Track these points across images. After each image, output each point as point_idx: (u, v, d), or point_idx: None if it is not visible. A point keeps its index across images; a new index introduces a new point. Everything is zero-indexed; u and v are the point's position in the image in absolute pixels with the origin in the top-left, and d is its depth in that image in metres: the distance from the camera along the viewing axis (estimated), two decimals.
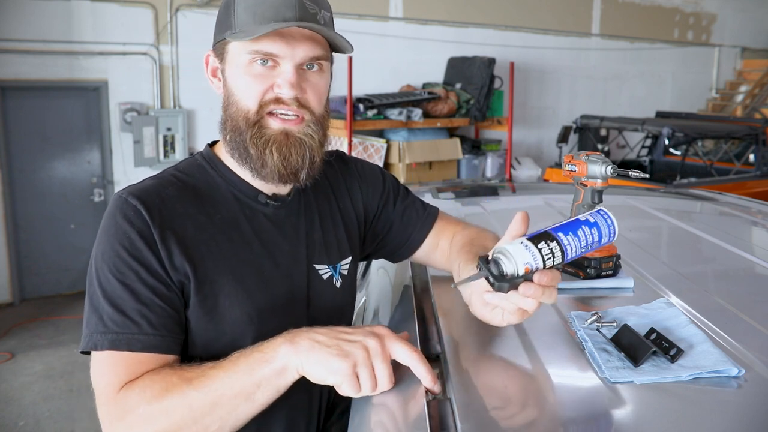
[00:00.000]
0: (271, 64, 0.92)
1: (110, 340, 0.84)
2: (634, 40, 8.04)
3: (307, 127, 0.95)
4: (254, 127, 0.93)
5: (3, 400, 3.59)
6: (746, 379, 0.80)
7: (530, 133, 7.28)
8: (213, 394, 0.80)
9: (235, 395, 0.80)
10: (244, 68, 0.92)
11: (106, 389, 0.84)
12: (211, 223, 0.94)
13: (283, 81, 0.91)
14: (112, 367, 0.84)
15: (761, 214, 1.95)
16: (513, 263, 0.78)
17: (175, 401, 0.80)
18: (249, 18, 0.90)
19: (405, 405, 0.80)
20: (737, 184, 5.38)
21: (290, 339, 0.81)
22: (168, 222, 0.90)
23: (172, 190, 0.94)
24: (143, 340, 0.85)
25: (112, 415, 0.83)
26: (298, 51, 0.91)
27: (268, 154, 0.93)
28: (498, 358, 0.91)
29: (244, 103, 0.93)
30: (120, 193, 0.92)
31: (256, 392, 0.81)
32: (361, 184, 1.15)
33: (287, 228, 1.01)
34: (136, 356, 0.85)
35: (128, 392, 0.83)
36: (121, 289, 0.86)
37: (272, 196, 1.00)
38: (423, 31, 6.39)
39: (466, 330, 0.98)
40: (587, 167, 1.15)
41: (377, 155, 5.49)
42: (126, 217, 0.89)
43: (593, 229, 0.83)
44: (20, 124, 4.95)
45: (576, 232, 0.82)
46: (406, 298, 1.18)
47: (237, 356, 0.83)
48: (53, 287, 5.21)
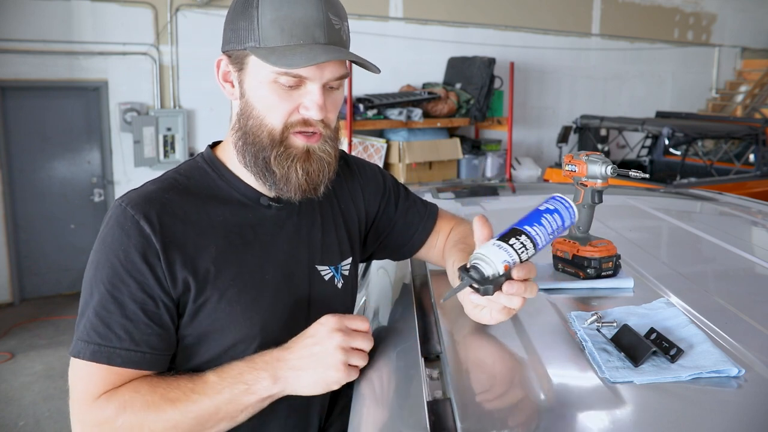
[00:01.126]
0: (297, 83, 0.90)
1: (92, 351, 0.86)
2: (634, 40, 8.04)
3: (325, 142, 0.94)
4: (280, 147, 0.91)
5: (3, 400, 3.59)
6: (746, 379, 0.80)
7: (530, 133, 7.28)
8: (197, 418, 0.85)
9: (219, 419, 0.86)
10: (268, 84, 0.89)
11: (82, 395, 0.87)
12: (212, 227, 0.94)
13: (311, 103, 0.90)
14: (91, 376, 0.86)
15: (761, 214, 1.95)
16: (492, 265, 0.83)
17: (155, 419, 0.85)
18: (276, 33, 0.87)
19: (405, 405, 0.80)
20: (737, 184, 5.38)
21: (272, 375, 0.87)
22: (169, 230, 0.90)
23: (173, 195, 0.94)
24: (123, 355, 0.86)
25: (85, 422, 0.87)
26: (326, 73, 0.90)
27: (293, 172, 0.92)
28: (498, 358, 0.91)
29: (268, 121, 0.91)
30: (120, 201, 0.91)
31: (240, 416, 0.88)
32: (361, 184, 1.15)
33: (289, 229, 1.01)
34: (115, 369, 0.86)
35: (106, 403, 0.85)
36: (110, 301, 0.87)
37: (274, 198, 1.00)
38: (423, 31, 6.39)
39: (466, 330, 0.98)
40: (587, 167, 1.15)
41: (377, 155, 5.49)
42: (124, 230, 0.88)
43: (555, 215, 0.89)
44: (20, 124, 4.95)
45: (540, 222, 0.87)
46: (405, 298, 1.18)
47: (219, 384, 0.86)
48: (53, 287, 5.21)
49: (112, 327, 0.86)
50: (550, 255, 1.23)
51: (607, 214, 1.62)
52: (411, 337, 0.98)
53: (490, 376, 0.85)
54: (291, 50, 0.86)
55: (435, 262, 1.22)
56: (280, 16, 0.86)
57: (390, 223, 1.18)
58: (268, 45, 0.87)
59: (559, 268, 1.21)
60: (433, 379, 0.85)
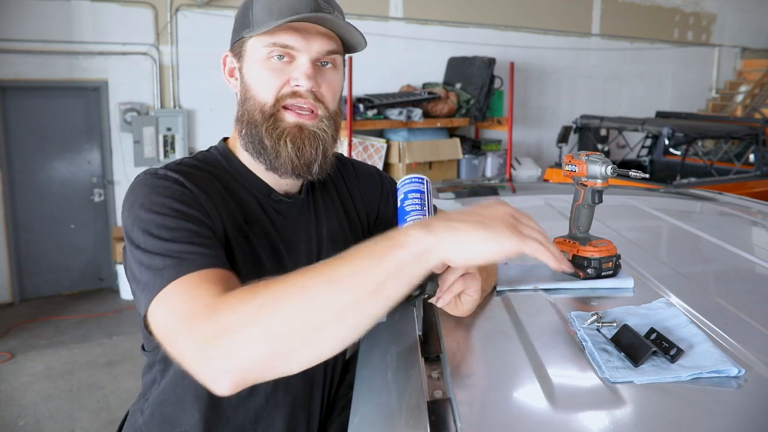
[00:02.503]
0: (288, 59, 0.94)
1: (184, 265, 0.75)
2: (634, 40, 8.04)
3: (321, 122, 0.96)
4: (270, 120, 0.94)
5: (3, 400, 3.59)
6: (746, 379, 0.80)
7: (530, 133, 7.28)
8: (334, 286, 0.65)
9: (361, 286, 0.65)
10: (261, 63, 0.94)
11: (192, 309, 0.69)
12: (232, 215, 0.94)
13: (300, 74, 0.93)
14: (186, 290, 0.72)
15: (761, 214, 1.95)
16: None
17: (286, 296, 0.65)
18: (266, 15, 0.92)
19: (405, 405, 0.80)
20: (737, 184, 5.38)
21: (424, 225, 0.69)
22: (198, 189, 0.89)
23: (194, 171, 0.94)
24: (208, 255, 0.77)
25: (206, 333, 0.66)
26: (314, 45, 0.93)
27: (282, 146, 0.94)
28: (498, 358, 0.91)
29: (261, 97, 0.94)
30: (148, 170, 0.91)
31: (386, 283, 0.66)
32: (359, 185, 1.16)
33: (297, 225, 1.02)
34: (206, 273, 0.74)
35: (220, 301, 0.68)
36: (172, 222, 0.80)
37: (284, 193, 1.01)
38: (423, 31, 6.39)
39: (466, 330, 0.98)
40: (587, 167, 1.15)
41: (377, 155, 5.49)
42: (168, 179, 0.88)
43: (410, 195, 0.96)
44: (20, 124, 4.95)
45: (406, 210, 0.94)
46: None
47: (354, 249, 0.69)
48: (53, 287, 5.21)
49: (186, 239, 0.78)
50: None
51: (607, 214, 1.62)
52: (411, 337, 0.98)
53: (490, 376, 0.85)
54: (276, 22, 0.90)
55: None
56: (269, 2, 0.92)
57: (389, 226, 1.17)
58: (258, 26, 0.92)
59: None
60: (433, 379, 0.85)
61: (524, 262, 1.31)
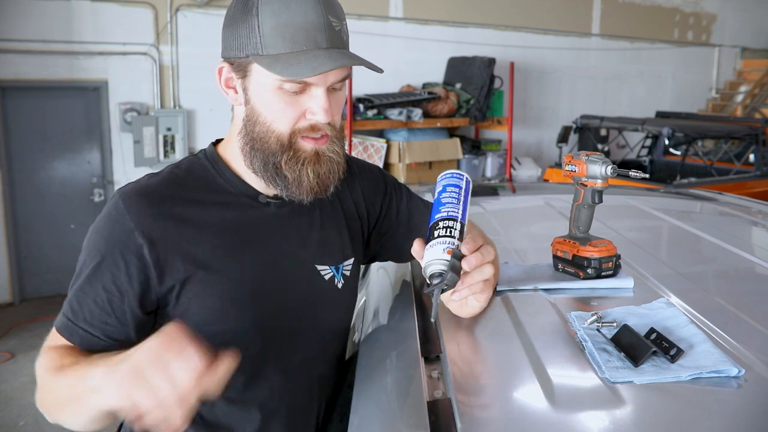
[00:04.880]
0: (301, 88, 0.90)
1: (62, 323, 0.93)
2: (634, 40, 8.04)
3: (332, 143, 0.95)
4: (290, 151, 0.92)
5: (3, 400, 3.59)
6: (746, 379, 0.80)
7: (530, 133, 7.28)
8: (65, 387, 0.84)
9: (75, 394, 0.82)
10: (274, 92, 0.90)
11: (45, 346, 0.94)
12: (208, 224, 0.94)
13: (318, 108, 0.91)
14: (53, 338, 0.94)
15: (761, 214, 1.94)
16: (438, 260, 0.88)
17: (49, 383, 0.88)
18: (278, 41, 0.87)
19: (405, 405, 0.80)
20: (737, 184, 5.37)
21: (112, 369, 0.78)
22: (159, 226, 0.90)
23: (171, 189, 0.94)
24: (82, 334, 0.91)
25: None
26: (330, 77, 0.90)
27: (304, 175, 0.93)
28: (498, 358, 0.91)
29: (275, 127, 0.92)
30: (117, 192, 0.93)
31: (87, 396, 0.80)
32: (361, 184, 1.14)
33: (289, 228, 1.01)
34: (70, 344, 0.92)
35: (41, 358, 0.91)
36: (88, 284, 0.91)
37: (273, 196, 1.00)
38: (423, 31, 6.39)
39: (466, 330, 0.98)
40: (587, 167, 1.15)
41: (377, 155, 5.49)
42: (111, 221, 0.91)
43: (448, 189, 0.96)
44: (20, 124, 4.95)
45: (442, 203, 0.94)
46: (406, 299, 1.18)
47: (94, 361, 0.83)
48: (53, 287, 5.21)
49: (83, 307, 0.91)
50: (550, 255, 1.23)
51: (607, 214, 1.62)
52: (411, 337, 0.98)
53: (490, 376, 0.85)
54: (295, 57, 0.86)
55: None
56: (280, 23, 0.86)
57: (393, 225, 1.17)
58: (270, 53, 0.87)
59: (559, 268, 1.21)
60: (433, 379, 0.85)
61: (524, 262, 1.32)
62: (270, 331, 0.97)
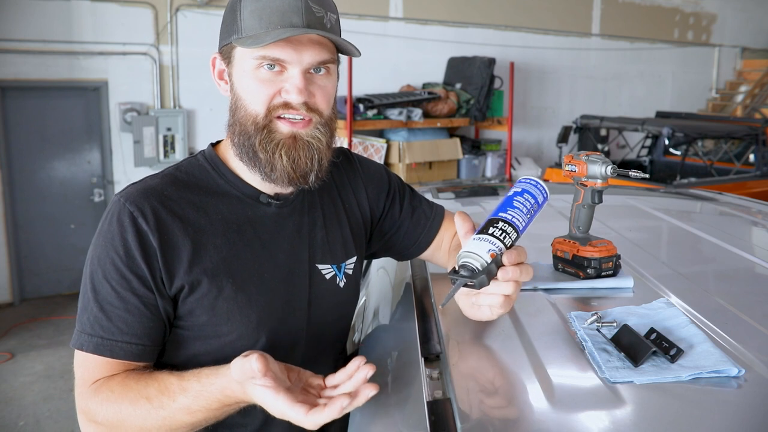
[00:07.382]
0: (278, 69, 0.91)
1: (95, 344, 0.89)
2: (634, 40, 8.04)
3: (315, 129, 0.94)
4: (263, 132, 0.92)
5: (3, 400, 3.59)
6: (746, 379, 0.80)
7: (530, 133, 7.28)
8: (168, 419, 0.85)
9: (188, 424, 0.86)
10: (251, 73, 0.91)
11: (81, 381, 0.91)
12: (210, 224, 0.94)
13: (291, 86, 0.91)
14: (92, 366, 0.90)
15: (761, 214, 1.95)
16: (478, 257, 0.85)
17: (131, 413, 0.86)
18: (255, 23, 0.89)
19: (405, 405, 0.80)
20: (737, 184, 5.38)
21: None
22: (166, 227, 0.91)
23: (172, 190, 0.94)
24: (125, 348, 0.89)
25: (82, 409, 0.90)
26: (305, 56, 0.91)
27: (277, 158, 0.93)
28: (498, 358, 0.91)
29: (252, 108, 0.93)
30: (119, 196, 0.93)
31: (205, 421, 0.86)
32: (365, 182, 1.14)
33: (289, 227, 1.01)
34: (114, 361, 0.90)
35: (94, 395, 0.88)
36: (113, 295, 0.89)
37: (274, 195, 1.00)
38: (423, 31, 6.39)
39: (466, 330, 0.98)
40: (587, 167, 1.15)
41: (377, 155, 5.49)
42: (123, 225, 0.90)
43: (525, 195, 0.91)
44: (20, 124, 4.95)
45: (513, 205, 0.90)
46: (406, 298, 1.18)
47: (198, 390, 0.84)
48: (53, 287, 5.21)
49: (115, 321, 0.89)
50: (550, 255, 1.23)
51: (607, 214, 1.62)
52: (411, 337, 0.98)
53: (490, 376, 0.85)
54: (265, 33, 0.88)
55: (440, 264, 1.21)
56: (258, 7, 0.90)
57: (395, 223, 1.17)
58: (248, 34, 0.90)
59: (559, 268, 1.21)
60: (433, 379, 0.85)
61: None
62: (271, 330, 0.97)
